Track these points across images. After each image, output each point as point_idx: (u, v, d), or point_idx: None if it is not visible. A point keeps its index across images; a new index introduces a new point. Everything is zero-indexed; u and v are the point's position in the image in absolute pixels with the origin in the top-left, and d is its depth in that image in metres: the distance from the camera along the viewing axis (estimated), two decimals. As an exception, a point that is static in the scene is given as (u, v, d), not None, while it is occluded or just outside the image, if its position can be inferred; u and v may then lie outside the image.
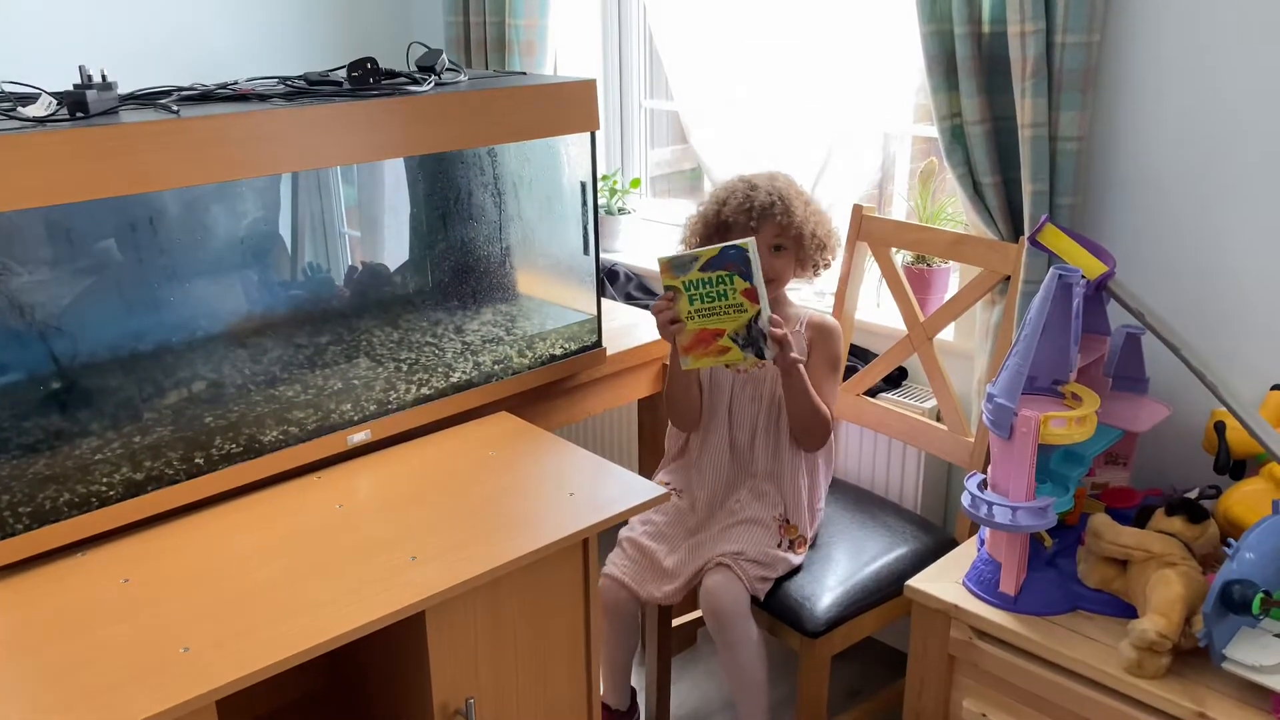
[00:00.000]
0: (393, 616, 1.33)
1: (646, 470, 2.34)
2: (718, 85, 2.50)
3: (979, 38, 1.88)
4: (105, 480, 1.51)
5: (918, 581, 1.76)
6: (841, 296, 2.21)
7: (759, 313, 1.77)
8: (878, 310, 2.38)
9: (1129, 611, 1.61)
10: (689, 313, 1.79)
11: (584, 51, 2.82)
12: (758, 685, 1.90)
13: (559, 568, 1.56)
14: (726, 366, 1.96)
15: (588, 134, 1.93)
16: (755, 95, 2.43)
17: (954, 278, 2.29)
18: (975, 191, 1.96)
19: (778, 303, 2.01)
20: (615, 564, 1.95)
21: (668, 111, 3.01)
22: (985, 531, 1.82)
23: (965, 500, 1.67)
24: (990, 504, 1.62)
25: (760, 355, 1.80)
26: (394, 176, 1.82)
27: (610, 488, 1.65)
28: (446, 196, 1.83)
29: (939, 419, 2.19)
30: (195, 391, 1.60)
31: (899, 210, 2.45)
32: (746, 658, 1.87)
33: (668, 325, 1.82)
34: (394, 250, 1.90)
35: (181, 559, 1.47)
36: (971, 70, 1.88)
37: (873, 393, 2.26)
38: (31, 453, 1.44)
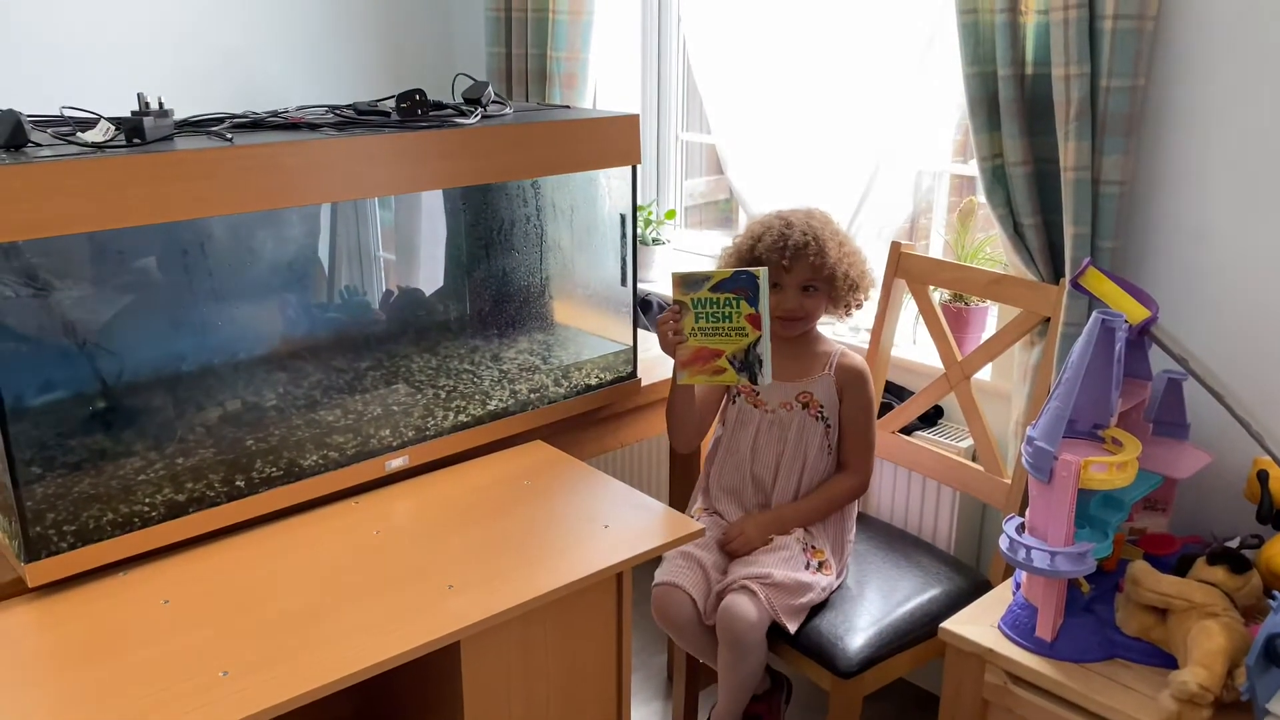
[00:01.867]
0: (429, 646, 1.33)
1: (677, 501, 2.34)
2: (755, 119, 2.51)
3: (1022, 79, 1.88)
4: (148, 501, 1.53)
5: (952, 624, 1.74)
6: (878, 333, 2.21)
7: (759, 339, 1.81)
8: (914, 347, 2.37)
9: (1168, 661, 1.58)
10: (693, 329, 1.83)
11: (624, 83, 2.85)
12: (750, 683, 1.91)
13: (593, 601, 1.56)
14: (721, 421, 2.01)
15: (629, 167, 1.95)
16: (792, 129, 2.44)
17: (991, 317, 2.29)
18: (1016, 232, 1.95)
19: (807, 340, 2.00)
20: (675, 571, 1.89)
21: (702, 143, 3.03)
22: (1021, 575, 1.80)
23: (1003, 543, 1.65)
24: (1029, 548, 1.61)
25: (754, 380, 1.84)
26: (434, 204, 1.85)
27: (645, 521, 1.65)
28: (487, 225, 1.86)
29: (974, 459, 2.18)
30: (236, 414, 1.62)
31: (934, 248, 2.45)
32: (748, 667, 1.86)
33: (670, 337, 1.84)
34: (433, 277, 1.92)
35: (221, 581, 1.48)
36: (1014, 112, 1.88)
37: (908, 430, 2.25)
38: (76, 471, 1.46)
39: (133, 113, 1.49)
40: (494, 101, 1.91)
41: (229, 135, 1.52)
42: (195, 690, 1.24)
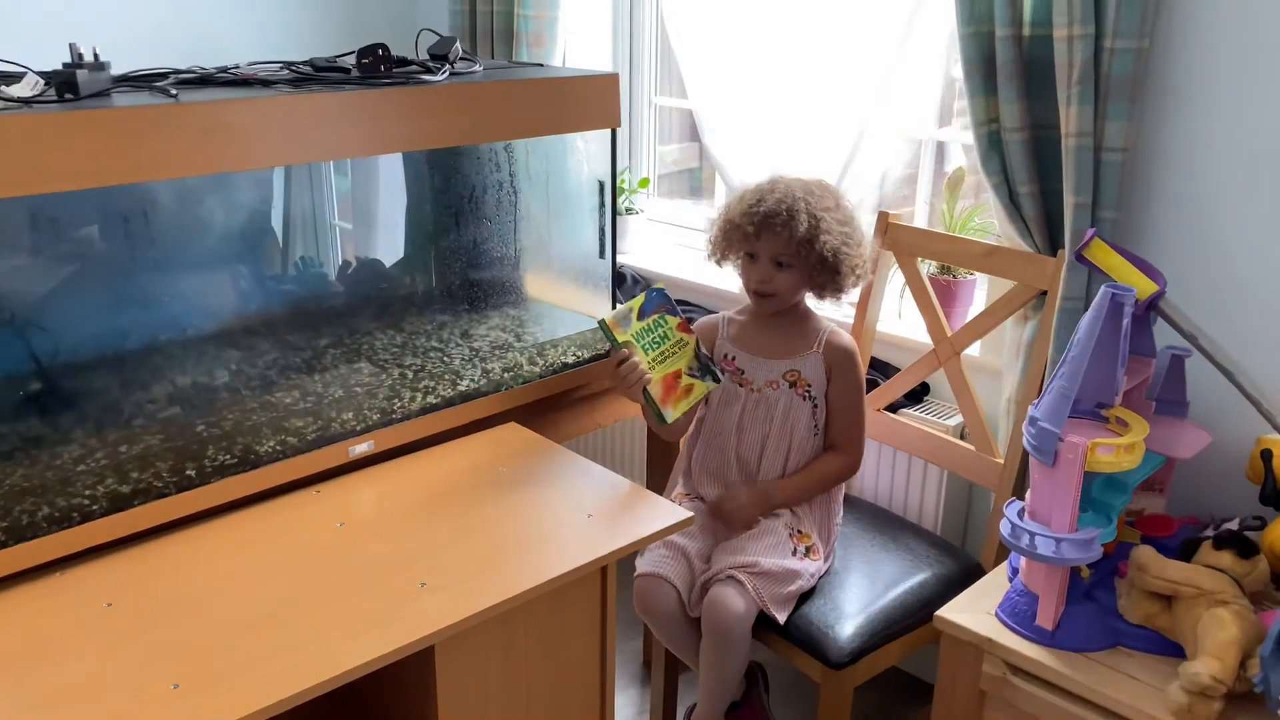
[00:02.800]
0: (401, 652, 1.23)
1: (656, 483, 2.24)
2: (734, 82, 2.40)
3: (1020, 40, 1.79)
4: (88, 493, 1.40)
5: (948, 612, 1.67)
6: (863, 307, 2.12)
7: (697, 340, 1.82)
8: (899, 321, 2.29)
9: (1173, 650, 1.53)
10: (648, 362, 1.77)
11: (594, 44, 2.72)
12: (733, 682, 1.83)
13: (575, 596, 1.46)
14: (705, 403, 1.92)
15: (608, 131, 1.83)
16: (773, 94, 2.33)
17: (980, 290, 2.21)
18: (1011, 201, 1.87)
19: (795, 317, 1.90)
20: (659, 561, 1.78)
21: (672, 108, 2.91)
22: (1019, 560, 1.73)
23: (1004, 529, 1.58)
24: (1032, 534, 1.53)
25: (716, 380, 1.83)
26: (395, 169, 1.72)
27: (630, 509, 1.56)
28: (454, 192, 1.73)
29: (962, 437, 2.11)
30: (186, 396, 1.49)
31: (919, 217, 2.36)
32: (732, 664, 1.78)
33: (637, 382, 1.73)
34: (395, 248, 1.79)
35: (170, 581, 1.36)
36: (1012, 75, 1.79)
37: (893, 408, 2.17)
38: (7, 461, 1.33)
39: (64, 65, 1.35)
40: (462, 59, 1.78)
41: (174, 92, 1.38)
42: (142, 706, 1.12)
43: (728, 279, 2.55)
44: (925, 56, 2.14)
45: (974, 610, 1.67)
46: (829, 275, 1.81)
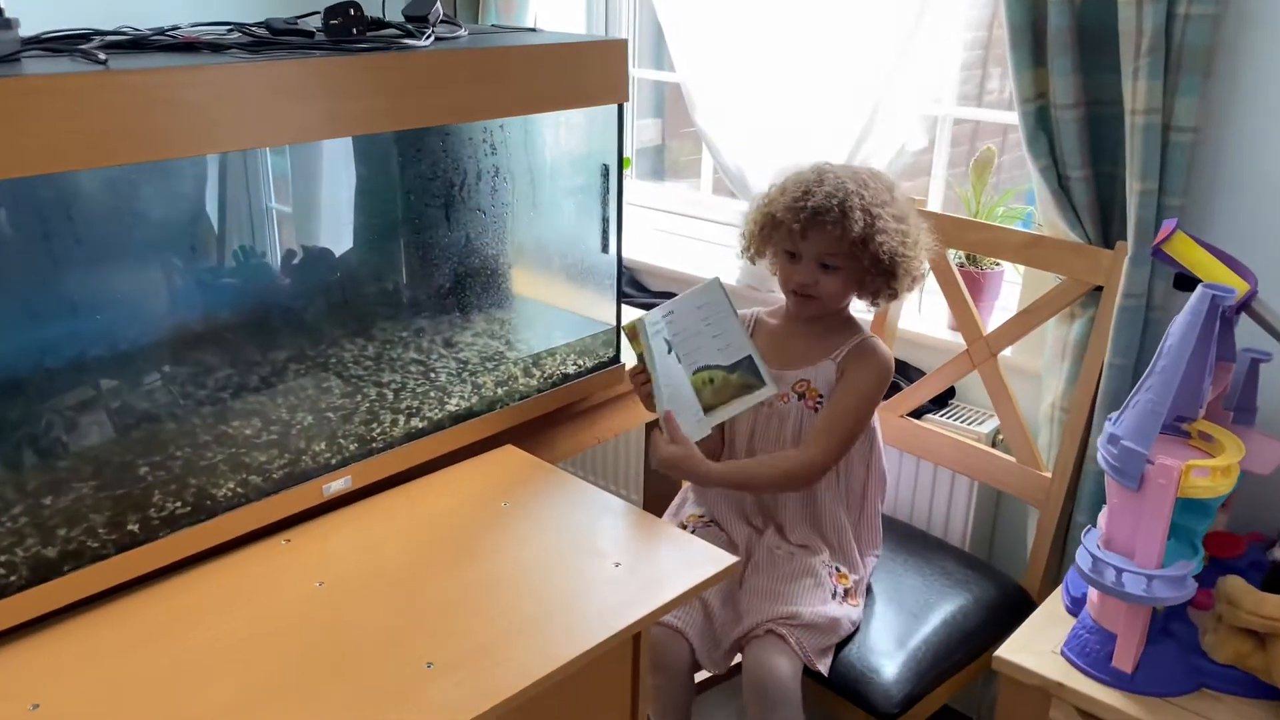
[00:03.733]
0: (416, 761, 0.98)
1: (654, 500, 2.01)
2: (727, 53, 2.16)
3: (1074, 5, 1.59)
4: (3, 560, 1.12)
5: (1007, 652, 1.49)
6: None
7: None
8: (918, 316, 2.09)
9: (1268, 693, 1.38)
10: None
11: (567, 9, 2.45)
12: None
13: (604, 671, 1.22)
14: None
15: (614, 107, 1.58)
16: (774, 67, 2.10)
17: (1007, 283, 2.02)
18: (1060, 186, 1.68)
19: (831, 323, 1.65)
20: (676, 611, 1.57)
21: (651, 81, 2.67)
22: (1079, 587, 1.56)
23: (1084, 562, 1.40)
24: (1118, 570, 1.35)
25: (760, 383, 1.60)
26: (349, 150, 1.43)
27: (660, 553, 1.32)
28: (429, 176, 1.46)
29: (994, 445, 1.92)
30: (123, 428, 1.21)
31: (933, 200, 2.16)
32: None
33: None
34: (360, 242, 1.52)
35: (110, 670, 1.09)
36: (1065, 44, 1.59)
37: (916, 414, 1.97)
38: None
39: (-43, 22, 1.06)
40: (444, 21, 1.52)
41: (102, 57, 1.10)
42: None
43: (710, 267, 2.34)
44: (945, 25, 1.93)
45: (1036, 649, 1.50)
46: (883, 280, 1.57)
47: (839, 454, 1.62)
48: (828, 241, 1.53)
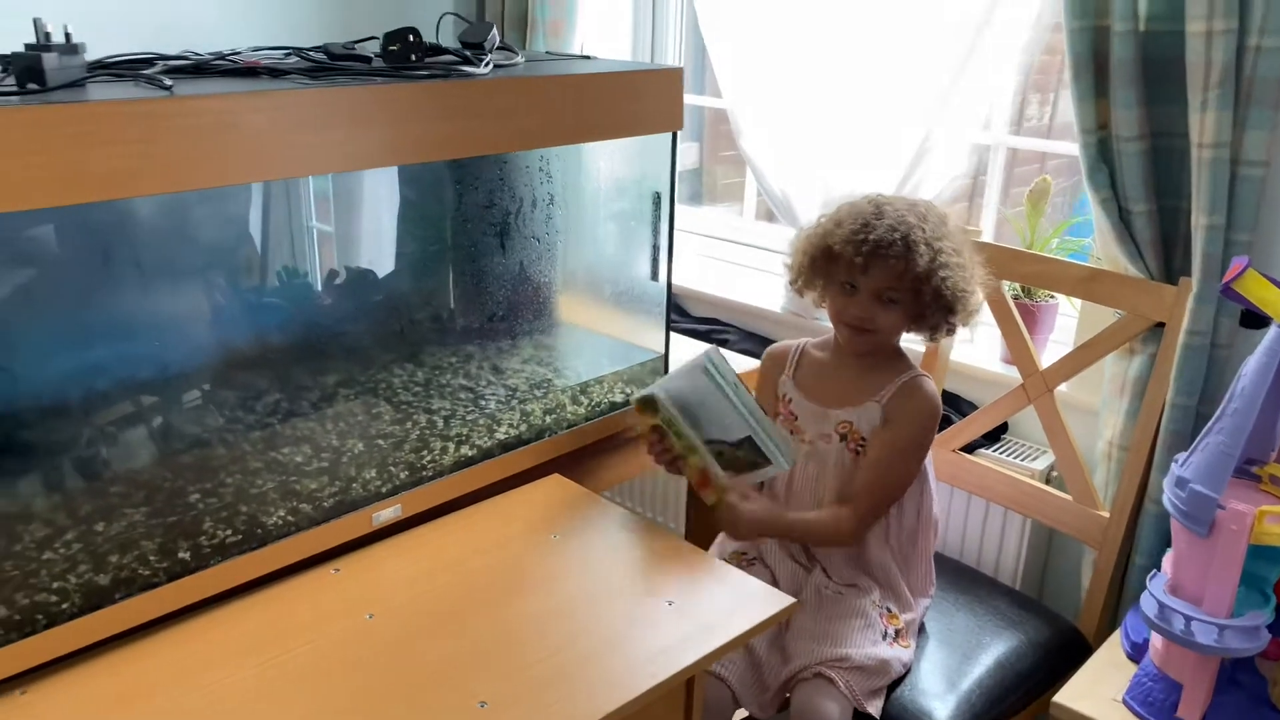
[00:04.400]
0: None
1: (697, 533, 1.98)
2: (775, 79, 2.15)
3: (1138, 36, 1.56)
4: (56, 586, 1.11)
5: (1067, 698, 1.45)
6: (938, 335, 1.88)
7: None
8: (971, 347, 2.05)
9: (1341, 746, 1.32)
10: (682, 447, 1.50)
11: (615, 35, 2.44)
12: None
13: (654, 714, 1.19)
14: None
15: (668, 134, 1.57)
16: (822, 94, 2.08)
17: (1061, 316, 1.98)
18: (1121, 220, 1.64)
19: (879, 359, 1.61)
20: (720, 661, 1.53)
21: (704, 108, 2.67)
22: (1141, 632, 1.51)
23: (1150, 609, 1.35)
24: (1188, 619, 1.31)
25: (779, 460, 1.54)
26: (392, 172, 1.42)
27: (716, 592, 1.29)
28: (480, 203, 1.45)
29: (1048, 482, 1.88)
30: (174, 453, 1.20)
31: (985, 232, 2.12)
32: None
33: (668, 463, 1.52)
34: (414, 269, 1.51)
35: (159, 699, 1.07)
36: (1129, 76, 1.56)
37: (968, 449, 1.93)
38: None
39: (28, 46, 1.06)
40: (500, 48, 1.51)
41: (168, 82, 1.09)
42: None
43: (754, 293, 2.31)
44: (1000, 53, 1.91)
45: (1095, 695, 1.45)
46: (942, 315, 1.53)
47: (881, 513, 1.60)
48: (889, 276, 1.50)
